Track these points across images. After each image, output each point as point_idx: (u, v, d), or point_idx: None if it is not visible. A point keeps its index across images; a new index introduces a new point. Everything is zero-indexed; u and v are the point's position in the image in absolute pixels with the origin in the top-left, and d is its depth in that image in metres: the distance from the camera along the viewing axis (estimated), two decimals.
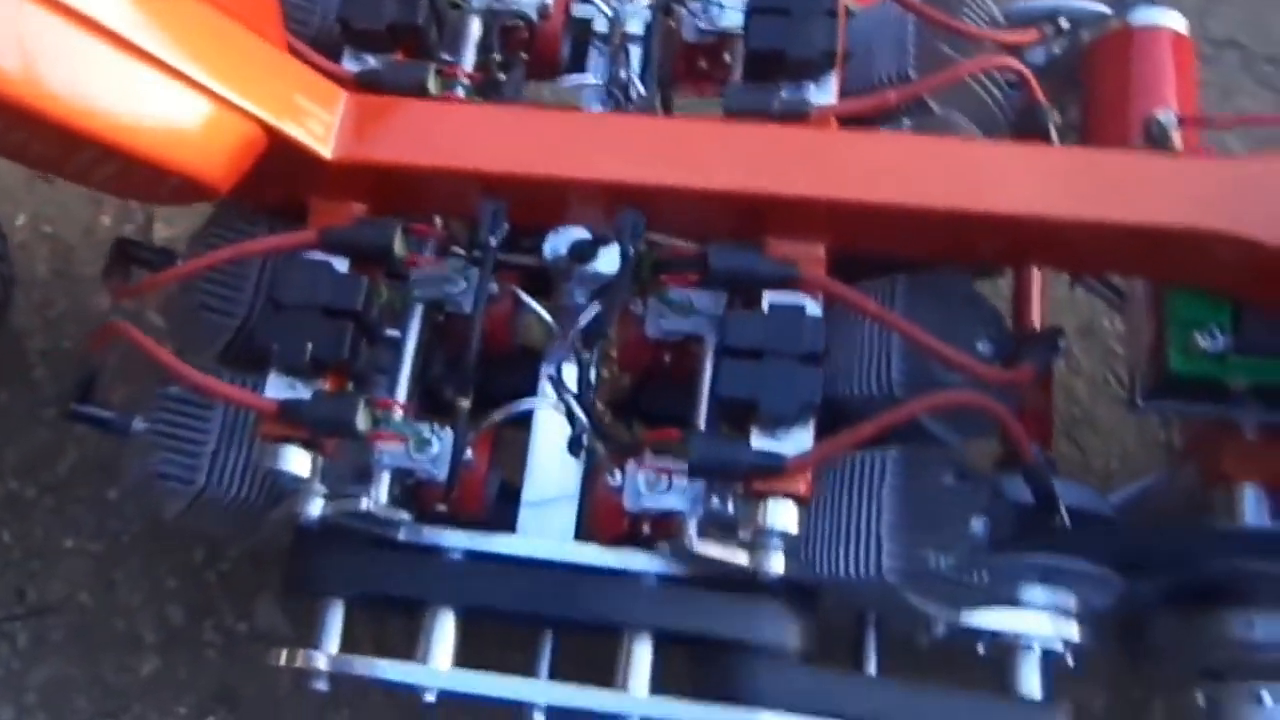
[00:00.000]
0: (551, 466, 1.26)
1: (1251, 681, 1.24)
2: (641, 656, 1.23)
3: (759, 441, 1.10)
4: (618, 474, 1.17)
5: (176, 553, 1.62)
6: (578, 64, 1.30)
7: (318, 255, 1.17)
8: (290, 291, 1.14)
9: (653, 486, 1.16)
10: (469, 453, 1.19)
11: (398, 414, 1.17)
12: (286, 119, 1.11)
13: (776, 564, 1.13)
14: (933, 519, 1.12)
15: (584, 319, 1.18)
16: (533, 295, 1.24)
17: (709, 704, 1.20)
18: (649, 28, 1.29)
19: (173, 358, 1.16)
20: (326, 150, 1.14)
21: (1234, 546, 1.23)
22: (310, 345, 1.12)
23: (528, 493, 1.25)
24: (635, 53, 1.29)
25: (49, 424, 1.68)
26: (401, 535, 1.24)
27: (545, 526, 1.24)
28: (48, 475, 1.66)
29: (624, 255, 1.11)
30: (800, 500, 1.10)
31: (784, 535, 1.11)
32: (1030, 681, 1.24)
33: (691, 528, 1.15)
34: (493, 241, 1.13)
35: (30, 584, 1.62)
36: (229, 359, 1.24)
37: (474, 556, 1.25)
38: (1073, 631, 1.24)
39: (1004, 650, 1.26)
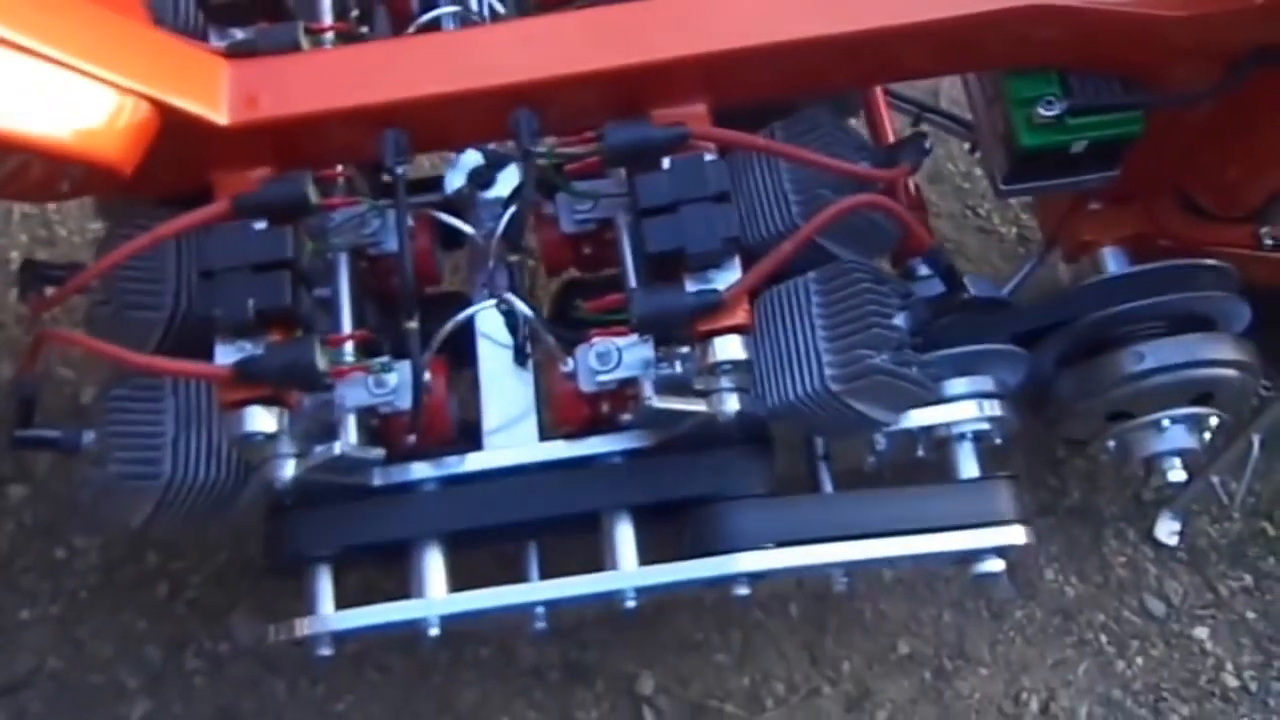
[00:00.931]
0: (504, 389, 1.33)
1: (1152, 413, 1.38)
2: (624, 535, 1.30)
3: (694, 286, 1.18)
4: (569, 360, 1.24)
5: (139, 593, 1.62)
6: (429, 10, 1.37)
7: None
8: (218, 257, 1.18)
9: (604, 361, 1.23)
10: (426, 375, 1.23)
11: (350, 348, 1.22)
12: (176, 93, 1.15)
13: (731, 404, 1.21)
14: (860, 321, 1.22)
15: (501, 226, 1.25)
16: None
17: (693, 560, 1.28)
18: None
19: (116, 347, 1.18)
20: (221, 117, 1.18)
21: (1109, 294, 1.36)
22: (251, 300, 1.16)
23: (487, 419, 1.32)
24: None
25: None
26: (375, 480, 1.29)
27: (510, 442, 1.30)
28: None
29: (525, 153, 1.19)
30: (742, 330, 1.18)
31: (735, 368, 1.18)
32: (969, 465, 1.35)
33: (648, 388, 1.23)
34: (399, 169, 1.19)
35: None
36: (165, 353, 1.27)
37: (446, 483, 1.30)
38: (996, 409, 1.35)
39: (940, 446, 1.37)
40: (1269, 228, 1.39)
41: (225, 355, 1.18)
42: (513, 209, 1.25)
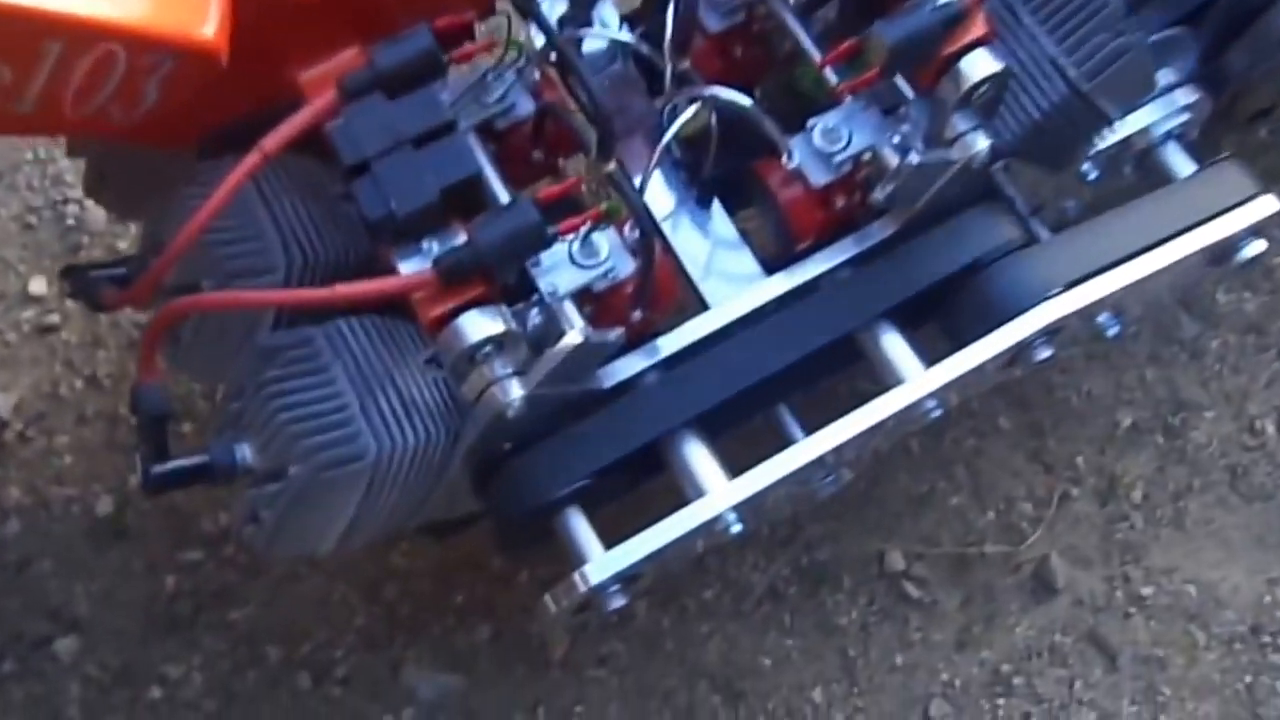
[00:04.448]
0: (698, 236, 1.11)
1: None
2: (896, 345, 1.09)
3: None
4: (792, 151, 1.02)
5: (276, 694, 1.31)
6: None
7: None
8: (366, 146, 0.91)
9: (832, 137, 1.03)
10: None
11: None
12: None
13: (981, 142, 1.03)
14: (1082, 10, 1.06)
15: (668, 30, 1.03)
16: None
17: (989, 336, 1.08)
18: None
19: (286, 291, 0.90)
20: None
21: None
22: (432, 178, 0.90)
23: (696, 274, 1.09)
24: None
25: None
26: (603, 384, 1.04)
27: (735, 289, 1.08)
28: None
29: None
30: (987, 41, 1.00)
31: (993, 85, 1.00)
32: (1184, 163, 1.22)
33: (889, 153, 1.03)
34: None
35: None
36: (284, 325, 0.99)
37: (683, 358, 1.06)
38: (1191, 94, 1.22)
39: (1144, 158, 1.22)
40: None
41: (412, 263, 0.92)
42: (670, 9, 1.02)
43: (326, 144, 0.94)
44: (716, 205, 1.10)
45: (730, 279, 1.08)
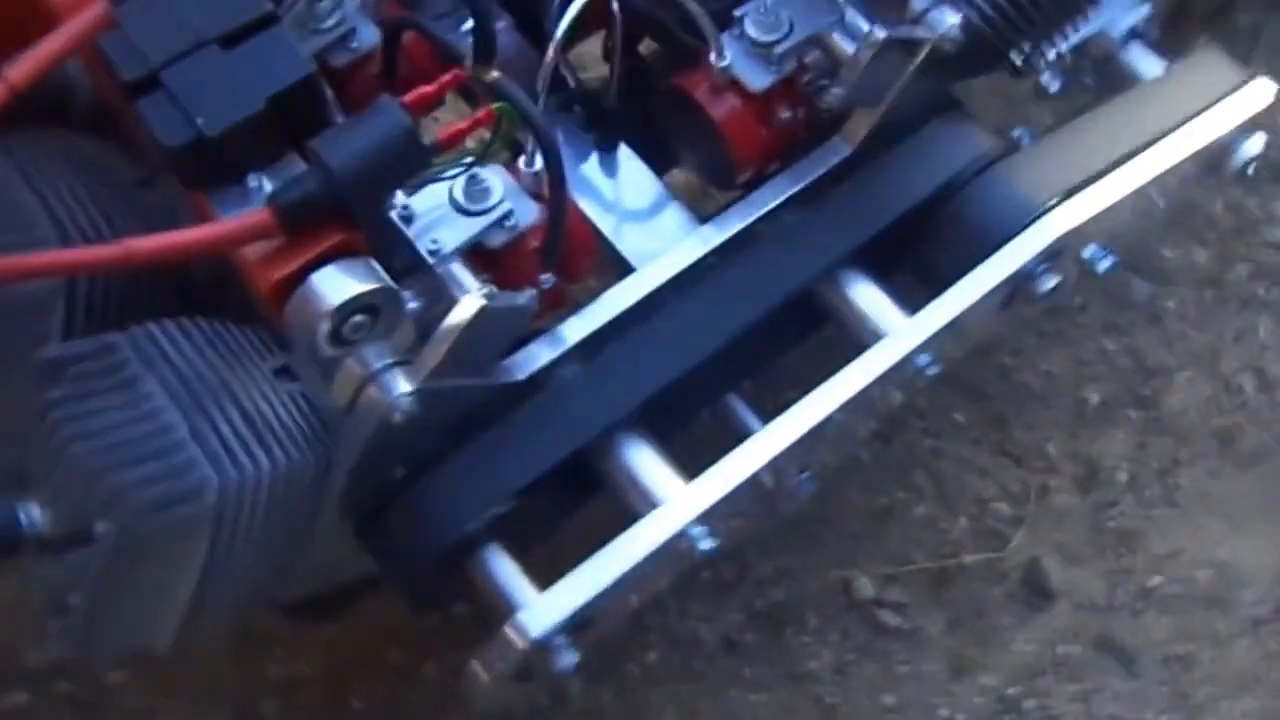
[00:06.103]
0: (605, 183, 0.88)
1: None
2: (869, 294, 0.87)
3: None
4: (721, 51, 0.80)
5: None
6: None
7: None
8: (151, 54, 0.65)
9: (768, 23, 0.81)
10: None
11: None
12: None
13: (950, 17, 0.84)
14: None
15: None
16: None
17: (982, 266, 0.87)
18: None
19: (40, 254, 0.63)
20: None
21: None
22: (259, 85, 0.64)
23: (608, 226, 0.86)
24: None
25: None
26: (506, 376, 0.78)
27: (659, 240, 0.85)
28: None
29: None
30: None
31: None
32: (1150, 64, 1.04)
33: (841, 40, 0.82)
34: None
35: None
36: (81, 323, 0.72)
37: (609, 335, 0.82)
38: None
39: (1109, 61, 1.05)
40: None
41: (228, 207, 0.66)
42: None
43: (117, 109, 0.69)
44: (623, 148, 0.87)
45: (654, 233, 0.86)
